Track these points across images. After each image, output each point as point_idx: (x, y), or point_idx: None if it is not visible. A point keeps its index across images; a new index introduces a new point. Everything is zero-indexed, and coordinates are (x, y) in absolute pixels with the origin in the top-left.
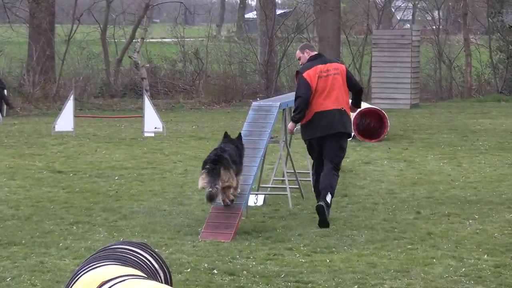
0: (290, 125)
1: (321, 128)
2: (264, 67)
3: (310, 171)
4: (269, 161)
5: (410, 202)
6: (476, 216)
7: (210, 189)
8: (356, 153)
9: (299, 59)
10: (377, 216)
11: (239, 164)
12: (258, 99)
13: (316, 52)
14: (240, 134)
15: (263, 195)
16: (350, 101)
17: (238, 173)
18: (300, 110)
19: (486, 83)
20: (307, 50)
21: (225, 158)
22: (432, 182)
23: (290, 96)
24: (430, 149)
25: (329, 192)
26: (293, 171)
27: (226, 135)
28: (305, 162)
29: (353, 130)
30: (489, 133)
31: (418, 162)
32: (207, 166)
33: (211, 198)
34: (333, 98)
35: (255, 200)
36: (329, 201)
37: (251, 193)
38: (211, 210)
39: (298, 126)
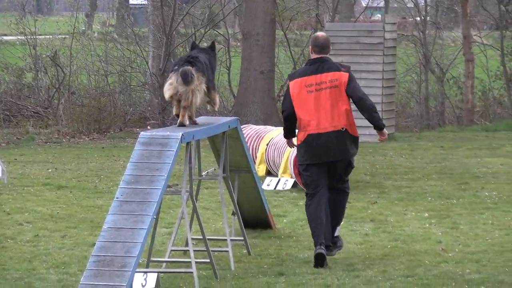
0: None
1: (316, 154)
2: (158, 79)
3: (228, 236)
4: (166, 222)
5: (379, 284)
6: None
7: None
8: (297, 208)
9: None
10: None
11: (213, 81)
12: (149, 127)
13: (318, 55)
14: (213, 42)
15: (155, 274)
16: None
17: (213, 88)
18: (285, 127)
19: (496, 104)
20: (311, 47)
21: (200, 62)
22: (413, 253)
23: (201, 123)
24: (411, 203)
25: (337, 227)
26: (201, 237)
27: (194, 45)
28: (220, 223)
29: (294, 175)
30: (499, 179)
31: (393, 223)
32: (176, 67)
33: (185, 76)
34: (329, 117)
35: (144, 281)
36: (336, 233)
37: (137, 270)
38: None
39: (211, 169)
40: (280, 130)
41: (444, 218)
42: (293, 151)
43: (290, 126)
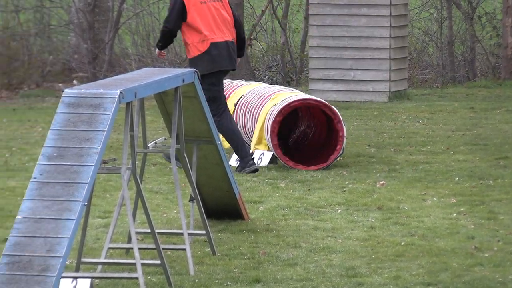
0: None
1: (220, 60)
2: (87, 16)
3: (185, 230)
4: (101, 211)
5: None
6: None
7: None
8: (278, 193)
9: None
10: None
11: None
12: (75, 82)
13: None
14: None
15: (88, 280)
16: None
17: None
18: (163, 43)
19: None
20: None
21: None
22: (435, 253)
23: (142, 77)
24: (432, 186)
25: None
26: (149, 230)
27: None
28: (174, 212)
29: (273, 147)
30: None
31: (407, 212)
32: None
33: None
34: (223, 28)
35: None
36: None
37: (64, 275)
38: None
39: (160, 138)
40: (253, 85)
41: (477, 206)
42: (270, 114)
43: (167, 45)
